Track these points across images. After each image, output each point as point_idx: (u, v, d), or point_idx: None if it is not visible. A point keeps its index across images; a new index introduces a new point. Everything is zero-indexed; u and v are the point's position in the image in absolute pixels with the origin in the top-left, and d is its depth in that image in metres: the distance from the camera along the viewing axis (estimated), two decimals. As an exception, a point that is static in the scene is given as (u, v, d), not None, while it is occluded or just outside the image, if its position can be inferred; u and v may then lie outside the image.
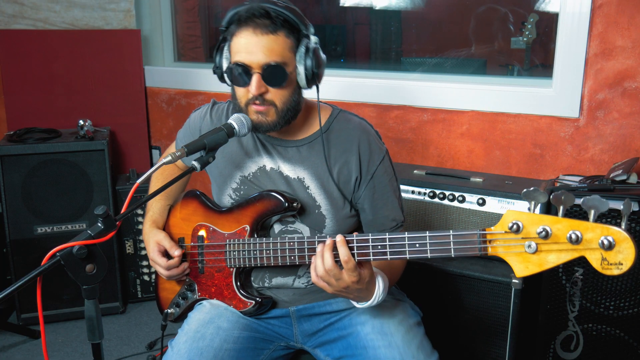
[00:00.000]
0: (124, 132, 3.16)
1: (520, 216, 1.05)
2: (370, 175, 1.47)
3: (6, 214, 2.62)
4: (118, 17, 3.18)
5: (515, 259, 1.06)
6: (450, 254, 1.14)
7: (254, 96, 1.35)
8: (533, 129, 2.22)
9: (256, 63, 1.32)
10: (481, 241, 1.10)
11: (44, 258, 1.07)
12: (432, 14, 3.53)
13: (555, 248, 1.02)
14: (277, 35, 1.32)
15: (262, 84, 1.33)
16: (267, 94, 1.35)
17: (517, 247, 1.06)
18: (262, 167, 1.50)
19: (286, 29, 1.33)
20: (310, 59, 1.35)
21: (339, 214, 1.48)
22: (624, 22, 1.99)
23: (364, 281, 1.25)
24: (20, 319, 2.69)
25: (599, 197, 0.98)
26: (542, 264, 1.04)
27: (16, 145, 2.59)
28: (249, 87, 1.34)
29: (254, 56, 1.32)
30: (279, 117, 1.38)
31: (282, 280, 1.50)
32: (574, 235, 0.99)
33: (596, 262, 0.99)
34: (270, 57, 1.32)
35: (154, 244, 1.53)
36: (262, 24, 1.31)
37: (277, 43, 1.32)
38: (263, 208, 1.44)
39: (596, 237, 0.98)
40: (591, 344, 1.80)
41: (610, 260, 0.98)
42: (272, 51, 1.32)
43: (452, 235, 1.14)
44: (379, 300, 1.31)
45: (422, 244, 1.17)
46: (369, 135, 1.49)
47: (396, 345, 1.37)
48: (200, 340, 1.40)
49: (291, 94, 1.38)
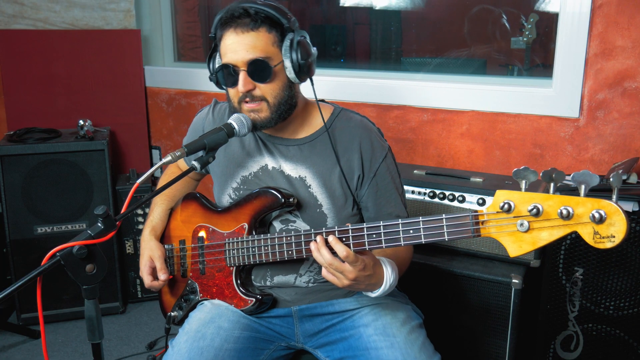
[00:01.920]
0: (124, 132, 3.16)
1: (511, 195, 1.04)
2: (373, 173, 1.47)
3: (6, 214, 2.62)
4: (118, 17, 3.18)
5: (508, 239, 1.06)
6: (444, 238, 1.14)
7: (243, 93, 1.37)
8: (533, 129, 2.22)
9: (240, 61, 1.35)
10: (474, 222, 1.10)
11: (44, 258, 1.07)
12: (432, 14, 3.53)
13: (547, 225, 1.01)
14: (258, 32, 1.34)
15: (248, 81, 1.36)
16: (256, 90, 1.37)
17: (509, 226, 1.05)
18: (263, 167, 1.50)
19: (267, 24, 1.35)
20: (295, 51, 1.36)
21: (341, 212, 1.48)
22: (624, 22, 1.99)
23: (369, 266, 1.25)
24: (20, 319, 2.69)
25: (588, 172, 0.97)
26: (535, 242, 1.03)
27: (16, 145, 2.59)
28: (237, 86, 1.36)
29: (238, 54, 1.34)
30: (272, 112, 1.39)
31: (283, 279, 1.51)
32: (565, 211, 0.98)
33: (588, 237, 0.98)
34: (253, 54, 1.34)
35: (147, 258, 1.56)
36: (242, 23, 1.34)
37: (259, 39, 1.34)
38: (260, 205, 1.44)
39: (587, 211, 0.97)
40: (591, 344, 1.80)
41: (602, 234, 0.97)
42: (255, 47, 1.34)
43: (445, 219, 1.14)
44: (392, 282, 1.31)
45: (416, 229, 1.17)
46: (370, 133, 1.49)
47: (399, 347, 1.37)
48: (200, 340, 1.40)
49: (282, 88, 1.39)
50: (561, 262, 1.80)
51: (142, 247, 1.59)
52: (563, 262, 1.80)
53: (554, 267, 1.81)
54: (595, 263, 1.75)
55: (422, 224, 1.16)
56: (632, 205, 1.68)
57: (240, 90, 1.36)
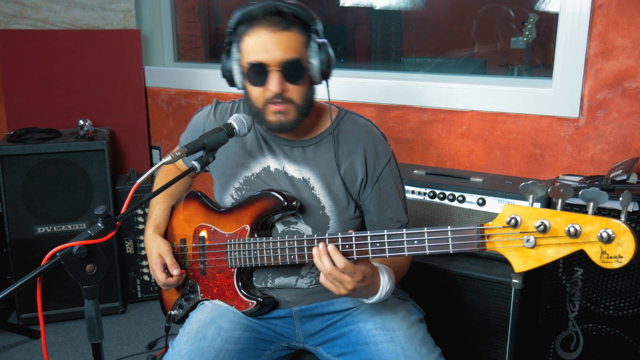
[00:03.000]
0: (124, 132, 3.16)
1: (518, 210, 1.03)
2: (376, 177, 1.47)
3: (6, 214, 2.62)
4: (118, 17, 3.18)
5: (514, 254, 1.05)
6: (448, 250, 1.13)
7: (274, 94, 1.34)
8: (533, 129, 2.22)
9: (274, 60, 1.32)
10: (479, 236, 1.09)
11: (44, 258, 1.07)
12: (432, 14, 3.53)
13: (554, 242, 1.00)
14: (291, 32, 1.33)
15: (282, 81, 1.33)
16: (287, 92, 1.35)
17: (515, 241, 1.04)
18: (266, 168, 1.50)
19: (299, 25, 1.34)
20: (323, 53, 1.37)
21: (343, 215, 1.48)
22: (624, 22, 1.99)
23: (368, 277, 1.25)
24: (20, 319, 2.69)
25: (597, 190, 0.96)
26: (541, 258, 1.02)
27: (16, 145, 2.59)
28: (268, 86, 1.34)
29: (271, 54, 1.32)
30: (298, 115, 1.39)
31: (284, 281, 1.50)
32: (572, 229, 0.97)
33: (595, 256, 0.97)
34: (288, 54, 1.32)
35: (156, 256, 1.54)
36: (275, 21, 1.31)
37: (293, 39, 1.33)
38: (262, 207, 1.43)
39: (595, 230, 0.96)
40: (591, 344, 1.80)
41: (610, 254, 0.96)
42: (290, 47, 1.32)
43: (450, 231, 1.13)
44: (387, 291, 1.31)
45: (421, 240, 1.16)
46: (375, 137, 1.49)
47: (399, 340, 1.37)
48: (201, 341, 1.40)
49: (308, 90, 1.39)
50: (561, 262, 1.80)
51: (149, 246, 1.57)
52: (563, 262, 1.80)
53: (554, 267, 1.81)
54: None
55: (427, 235, 1.15)
56: (632, 205, 1.68)
57: (274, 91, 1.33)
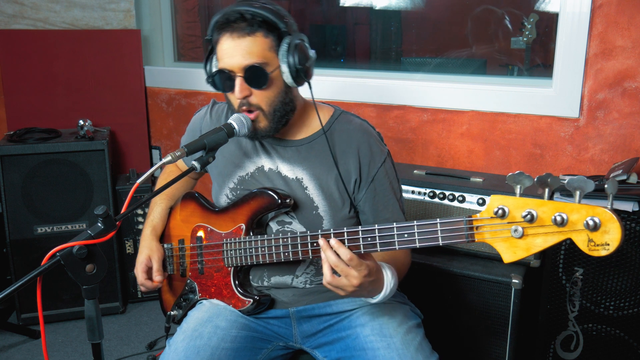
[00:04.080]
0: (124, 132, 3.16)
1: (505, 201, 1.03)
2: (370, 178, 1.46)
3: (6, 214, 2.62)
4: (118, 17, 3.18)
5: (502, 245, 1.05)
6: (438, 242, 1.14)
7: (240, 100, 1.36)
8: (533, 129, 2.22)
9: (237, 66, 1.33)
10: (468, 228, 1.09)
11: (44, 258, 1.07)
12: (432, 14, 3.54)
13: (542, 231, 1.00)
14: (254, 37, 1.32)
15: (244, 87, 1.34)
16: (252, 97, 1.36)
17: (503, 232, 1.04)
18: (260, 168, 1.50)
19: (264, 29, 1.33)
20: (292, 55, 1.35)
21: (337, 215, 1.47)
22: (624, 22, 1.99)
23: (373, 272, 1.25)
24: (20, 319, 2.69)
25: (584, 178, 0.95)
26: (529, 248, 1.02)
27: (16, 145, 2.59)
28: (234, 92, 1.36)
29: (234, 59, 1.33)
30: (270, 121, 1.39)
31: (280, 279, 1.50)
32: (559, 217, 0.97)
33: (582, 244, 0.96)
34: (249, 59, 1.32)
35: (145, 257, 1.56)
36: (238, 27, 1.32)
37: (255, 44, 1.33)
38: (257, 206, 1.44)
39: (582, 218, 0.95)
40: (591, 344, 1.80)
41: (597, 241, 0.95)
42: (251, 53, 1.32)
43: (439, 224, 1.13)
44: (392, 287, 1.30)
45: (411, 233, 1.17)
46: (369, 137, 1.49)
47: (395, 347, 1.37)
48: (197, 339, 1.40)
49: (277, 95, 1.38)
50: (561, 262, 1.80)
51: (142, 244, 1.59)
52: (563, 262, 1.80)
53: (554, 267, 1.81)
54: (595, 263, 1.75)
55: (417, 228, 1.16)
56: (632, 205, 1.68)
57: (237, 97, 1.36)
